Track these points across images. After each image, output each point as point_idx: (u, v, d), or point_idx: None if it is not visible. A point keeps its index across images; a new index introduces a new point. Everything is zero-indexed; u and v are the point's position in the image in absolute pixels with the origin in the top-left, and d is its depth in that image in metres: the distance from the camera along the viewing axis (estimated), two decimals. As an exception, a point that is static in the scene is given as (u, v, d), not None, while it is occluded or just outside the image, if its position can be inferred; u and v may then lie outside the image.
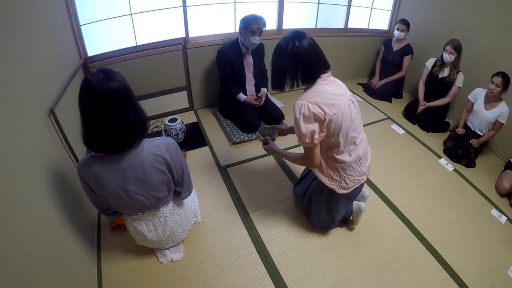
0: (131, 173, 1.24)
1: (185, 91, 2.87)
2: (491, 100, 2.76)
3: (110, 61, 2.40)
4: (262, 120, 2.75)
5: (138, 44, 2.53)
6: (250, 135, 2.63)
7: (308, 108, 1.38)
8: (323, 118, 1.39)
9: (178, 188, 1.48)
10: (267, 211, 2.08)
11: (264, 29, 2.44)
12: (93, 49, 2.34)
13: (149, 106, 2.70)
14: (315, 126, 1.40)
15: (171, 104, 2.88)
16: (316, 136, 1.42)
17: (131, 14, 2.39)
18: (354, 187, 1.65)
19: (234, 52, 2.52)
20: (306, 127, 1.40)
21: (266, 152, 1.98)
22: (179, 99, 2.89)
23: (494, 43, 2.96)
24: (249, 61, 2.60)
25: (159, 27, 2.57)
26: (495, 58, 2.93)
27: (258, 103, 2.65)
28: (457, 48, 2.90)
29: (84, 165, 1.22)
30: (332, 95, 1.41)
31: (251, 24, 2.36)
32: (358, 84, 4.02)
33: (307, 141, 1.44)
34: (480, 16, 3.02)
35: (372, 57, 4.02)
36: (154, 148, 1.27)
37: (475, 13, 3.05)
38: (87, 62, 2.29)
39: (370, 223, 2.13)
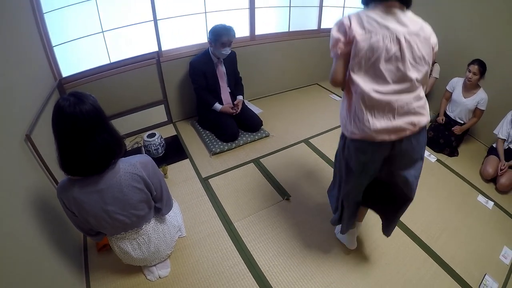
0: (110, 194, 1.24)
1: (163, 105, 2.85)
2: (469, 88, 2.79)
3: (84, 80, 2.37)
4: (241, 127, 2.75)
5: (111, 61, 2.51)
6: (229, 144, 2.62)
7: (343, 19, 1.26)
8: (344, 35, 1.25)
9: (158, 204, 1.49)
10: (251, 219, 2.06)
11: (234, 38, 2.45)
12: (67, 69, 2.32)
13: (127, 123, 2.70)
14: (340, 37, 1.26)
15: (150, 119, 2.85)
16: (341, 45, 1.26)
17: (102, 31, 2.37)
18: (373, 138, 1.30)
19: (205, 63, 2.52)
20: (333, 34, 1.28)
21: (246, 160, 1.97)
22: (157, 113, 2.86)
23: (467, 33, 3.01)
24: (221, 70, 2.60)
25: (132, 43, 2.55)
26: (469, 47, 2.98)
27: (234, 111, 2.65)
28: None
29: (63, 189, 1.23)
30: (378, 23, 1.22)
31: (221, 37, 2.37)
32: None
33: (331, 47, 1.30)
34: (453, 7, 3.07)
35: None
36: (131, 167, 1.28)
37: (448, 5, 3.10)
38: (62, 83, 2.26)
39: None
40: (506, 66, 2.76)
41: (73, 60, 2.34)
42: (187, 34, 2.74)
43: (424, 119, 1.31)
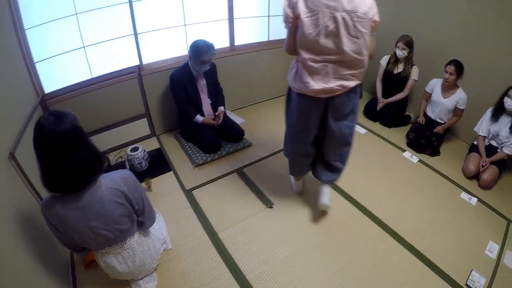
0: (92, 210, 1.27)
1: (145, 118, 2.84)
2: (448, 88, 2.85)
3: (67, 96, 2.36)
4: (223, 138, 2.76)
5: (93, 76, 2.51)
6: (212, 155, 2.63)
7: None
8: (292, 11, 1.50)
9: (141, 218, 1.50)
10: (235, 228, 2.05)
11: (214, 56, 2.50)
12: (50, 85, 2.31)
13: (111, 137, 2.69)
14: (289, 12, 1.52)
15: (133, 132, 2.83)
16: (290, 20, 1.53)
17: (83, 47, 2.38)
18: (307, 94, 1.67)
19: (186, 76, 2.54)
20: (284, 8, 1.54)
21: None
22: (140, 127, 2.85)
23: (443, 34, 3.07)
24: (202, 83, 2.62)
25: (113, 57, 2.56)
26: (446, 49, 3.04)
27: (216, 122, 2.66)
28: (409, 43, 3.00)
29: (46, 206, 1.25)
30: (318, 0, 1.45)
31: (202, 56, 2.39)
32: None
33: (283, 21, 1.58)
34: (428, 10, 3.14)
35: None
36: (112, 183, 1.31)
37: (424, 8, 3.17)
38: (44, 100, 2.25)
39: (339, 226, 2.12)
40: (484, 66, 2.83)
41: (56, 76, 2.33)
42: (168, 47, 2.75)
43: (352, 83, 1.64)
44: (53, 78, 2.31)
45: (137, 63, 2.65)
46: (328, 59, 1.56)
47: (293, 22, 1.54)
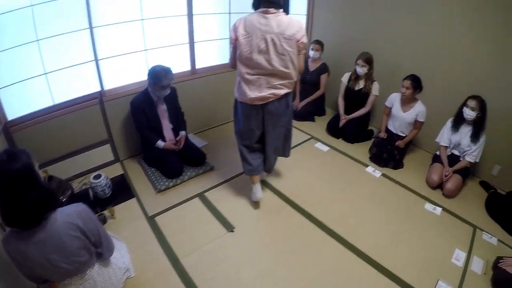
0: (50, 243, 1.31)
1: (108, 144, 2.80)
2: (406, 102, 2.94)
3: (30, 123, 2.32)
4: (185, 162, 2.75)
5: (56, 102, 2.48)
6: (174, 181, 2.60)
7: (236, 21, 1.93)
8: (234, 34, 1.91)
9: (99, 249, 1.54)
10: (198, 254, 2.00)
11: (173, 80, 2.52)
12: (12, 112, 2.26)
13: (74, 164, 2.64)
14: (233, 35, 1.92)
15: (97, 158, 2.78)
16: (233, 41, 1.93)
17: (45, 73, 2.35)
18: (247, 102, 2.03)
19: (146, 102, 2.54)
20: (230, 32, 1.97)
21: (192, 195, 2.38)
22: (104, 153, 2.80)
23: (401, 50, 3.21)
24: (162, 108, 2.62)
25: (75, 83, 2.54)
26: (405, 64, 3.17)
27: (177, 147, 2.66)
28: (368, 60, 3.10)
29: (7, 241, 1.30)
30: (254, 26, 1.84)
31: (161, 81, 2.41)
32: None
33: (229, 41, 1.99)
34: (386, 29, 3.29)
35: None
36: (66, 217, 1.36)
37: (382, 27, 3.31)
38: (7, 127, 2.20)
39: (302, 245, 2.09)
40: (442, 79, 2.97)
41: (18, 102, 2.30)
42: (129, 72, 2.75)
43: (282, 91, 1.99)
44: (16, 104, 2.28)
45: (99, 89, 2.63)
46: (260, 72, 1.93)
47: (234, 43, 1.92)
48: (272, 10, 1.83)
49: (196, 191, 2.54)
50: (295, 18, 1.90)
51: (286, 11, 1.93)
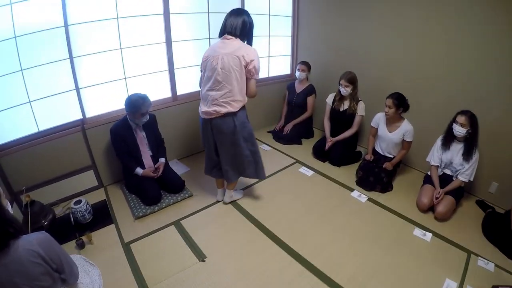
0: (13, 267, 1.35)
1: (92, 170, 2.83)
2: (392, 121, 2.84)
3: (15, 149, 2.38)
4: (164, 189, 2.74)
5: (40, 129, 2.54)
6: (152, 208, 2.58)
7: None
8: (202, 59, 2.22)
9: (62, 275, 1.55)
10: (167, 283, 1.93)
11: (151, 106, 2.55)
12: None
13: (59, 189, 2.67)
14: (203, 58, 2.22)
15: (80, 184, 2.80)
16: (201, 65, 2.23)
17: (29, 101, 2.43)
18: (201, 116, 2.28)
19: (125, 129, 2.56)
20: None
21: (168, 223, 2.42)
22: (87, 178, 2.83)
23: (387, 68, 3.16)
24: (141, 135, 2.64)
25: (57, 111, 2.60)
26: (391, 82, 3.11)
27: (155, 175, 2.65)
28: (351, 80, 3.04)
29: None
30: (213, 48, 2.15)
31: (139, 109, 2.44)
32: (267, 132, 4.06)
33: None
34: (369, 48, 3.26)
35: (280, 102, 4.13)
36: (28, 245, 1.39)
37: (366, 45, 3.29)
38: None
39: (275, 277, 1.98)
40: (432, 94, 2.90)
41: (4, 129, 2.36)
42: (110, 100, 2.80)
43: (224, 109, 2.15)
44: (1, 131, 2.35)
45: (80, 116, 2.68)
46: (209, 88, 2.16)
47: (201, 65, 2.24)
48: (229, 36, 2.12)
49: (173, 218, 2.50)
50: (251, 47, 2.16)
51: (249, 43, 2.23)
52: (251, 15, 2.22)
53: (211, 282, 1.93)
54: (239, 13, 2.14)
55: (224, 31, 2.14)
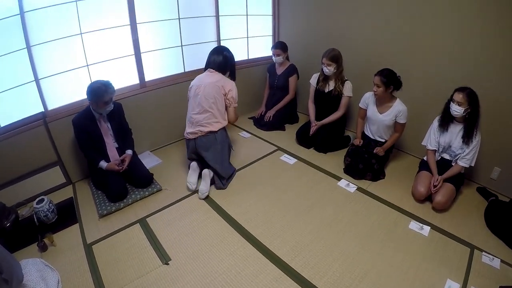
0: None
1: (58, 166, 2.64)
2: (382, 102, 2.58)
3: None
4: (131, 183, 2.56)
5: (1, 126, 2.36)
6: (117, 204, 2.38)
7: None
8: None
9: (3, 275, 1.47)
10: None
11: (114, 93, 2.40)
12: None
13: (24, 188, 2.50)
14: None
15: (47, 182, 2.62)
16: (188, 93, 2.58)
17: None
18: (187, 137, 2.59)
19: (87, 120, 2.39)
20: None
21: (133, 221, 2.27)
22: (54, 175, 2.64)
23: (372, 44, 2.91)
24: (105, 125, 2.46)
25: (18, 105, 2.42)
26: (381, 59, 2.85)
27: (120, 168, 2.45)
28: (334, 58, 2.77)
29: None
30: (199, 78, 2.53)
31: (102, 97, 2.28)
32: (249, 118, 3.83)
33: None
34: (354, 22, 3.01)
35: (261, 86, 3.88)
36: None
37: (349, 20, 3.05)
38: None
39: (247, 283, 1.75)
40: (426, 71, 2.66)
41: None
42: (74, 90, 2.60)
43: (206, 129, 2.49)
44: None
45: (42, 109, 2.48)
46: (195, 113, 2.50)
47: (188, 93, 2.58)
48: (212, 70, 2.53)
49: (139, 215, 2.30)
50: (230, 80, 2.55)
51: (232, 78, 2.62)
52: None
53: (173, 288, 1.71)
54: (220, 51, 2.56)
55: (208, 66, 2.55)
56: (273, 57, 3.38)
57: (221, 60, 2.51)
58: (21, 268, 1.58)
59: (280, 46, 3.32)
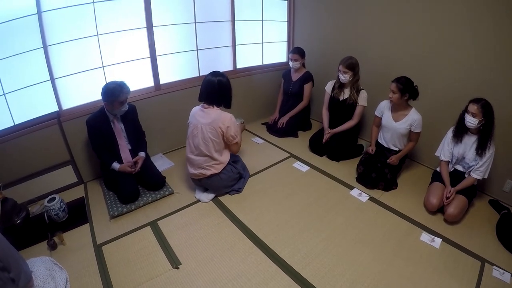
0: None
1: (70, 165, 2.65)
2: (398, 109, 2.56)
3: None
4: (143, 186, 2.56)
5: (16, 123, 2.38)
6: (128, 206, 2.38)
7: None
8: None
9: (11, 274, 1.47)
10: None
11: (129, 93, 2.40)
12: None
13: (37, 185, 2.53)
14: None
15: (59, 180, 2.64)
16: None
17: (4, 94, 2.27)
18: (191, 177, 2.55)
19: (101, 121, 2.39)
20: None
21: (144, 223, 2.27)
22: (66, 174, 2.66)
23: (389, 53, 2.88)
24: (118, 127, 2.46)
25: (35, 104, 2.45)
26: (397, 68, 2.82)
27: (133, 170, 2.46)
28: (351, 66, 2.76)
29: None
30: (194, 116, 2.36)
31: (118, 97, 2.28)
32: (262, 124, 3.83)
33: None
34: (371, 32, 2.98)
35: (275, 92, 3.87)
36: None
37: (369, 28, 3.02)
38: None
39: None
40: (443, 81, 2.62)
41: None
42: (88, 91, 2.62)
43: (209, 172, 2.40)
44: None
45: (56, 109, 2.51)
46: (193, 153, 2.41)
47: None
48: (206, 105, 2.33)
49: (149, 218, 2.30)
50: (226, 113, 2.31)
51: (227, 106, 2.37)
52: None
53: (183, 293, 1.72)
54: (211, 80, 2.29)
55: (201, 98, 2.35)
56: (290, 62, 3.37)
57: (216, 87, 2.27)
58: (28, 266, 1.58)
59: (298, 51, 3.31)
